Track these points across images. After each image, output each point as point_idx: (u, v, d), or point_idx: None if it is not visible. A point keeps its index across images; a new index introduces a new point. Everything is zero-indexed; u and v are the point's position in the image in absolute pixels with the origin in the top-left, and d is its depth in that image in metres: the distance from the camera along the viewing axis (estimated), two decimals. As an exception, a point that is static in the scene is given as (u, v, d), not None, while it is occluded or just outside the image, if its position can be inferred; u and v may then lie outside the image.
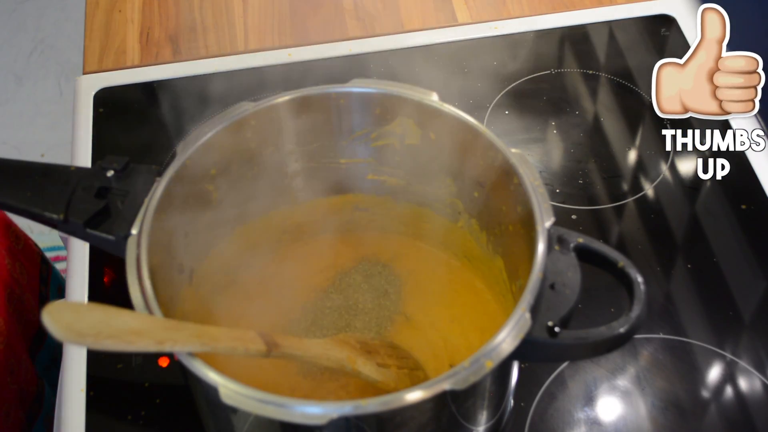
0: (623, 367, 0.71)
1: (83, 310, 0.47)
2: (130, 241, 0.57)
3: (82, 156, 0.86)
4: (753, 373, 0.70)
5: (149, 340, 0.48)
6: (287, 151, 0.67)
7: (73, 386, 0.70)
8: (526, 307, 0.53)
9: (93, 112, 0.90)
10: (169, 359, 0.71)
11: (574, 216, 0.80)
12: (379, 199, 0.71)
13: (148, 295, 0.54)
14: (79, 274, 0.77)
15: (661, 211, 0.81)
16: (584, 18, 0.97)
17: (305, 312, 0.69)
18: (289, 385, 0.65)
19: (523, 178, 0.58)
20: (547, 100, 0.90)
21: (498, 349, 0.51)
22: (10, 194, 0.62)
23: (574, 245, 0.57)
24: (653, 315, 0.73)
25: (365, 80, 0.65)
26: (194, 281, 0.65)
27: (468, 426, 0.58)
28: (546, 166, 0.85)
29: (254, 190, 0.67)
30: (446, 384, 0.49)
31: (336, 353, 0.59)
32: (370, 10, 0.99)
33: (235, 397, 0.49)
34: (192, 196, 0.62)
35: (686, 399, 0.69)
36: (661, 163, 0.84)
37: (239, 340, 0.53)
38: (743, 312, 0.74)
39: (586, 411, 0.69)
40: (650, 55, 0.94)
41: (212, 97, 0.89)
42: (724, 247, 0.78)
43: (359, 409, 0.49)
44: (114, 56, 0.95)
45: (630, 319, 0.54)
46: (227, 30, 0.97)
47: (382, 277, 0.71)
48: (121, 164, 0.61)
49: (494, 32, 0.96)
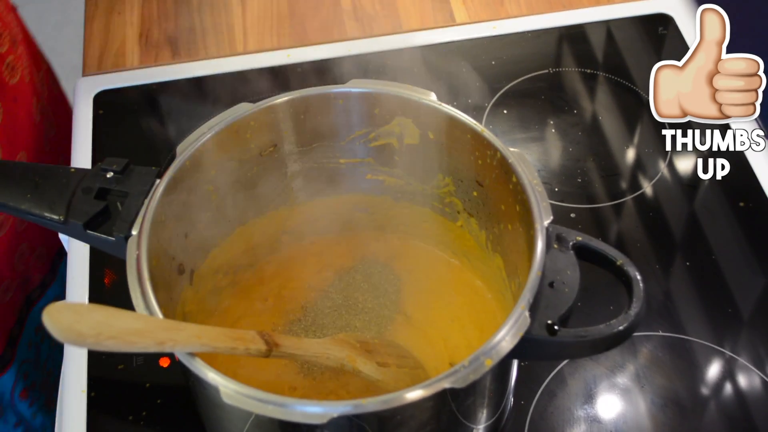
0: (623, 365, 0.71)
1: (84, 310, 0.48)
2: (130, 242, 0.57)
3: (82, 157, 0.86)
4: (752, 369, 0.70)
5: (150, 341, 0.49)
6: (286, 152, 0.67)
7: (74, 387, 0.70)
8: (526, 306, 0.53)
9: (93, 113, 0.90)
10: (170, 360, 0.71)
11: (573, 214, 0.81)
12: (378, 198, 0.71)
13: (149, 296, 0.54)
14: (80, 275, 0.77)
15: (660, 209, 0.81)
16: (582, 17, 0.97)
17: (305, 312, 0.70)
18: (290, 384, 0.65)
19: (522, 177, 0.59)
20: (546, 99, 0.90)
21: (498, 348, 0.51)
22: (10, 195, 0.62)
23: (572, 243, 0.57)
24: (652, 312, 0.73)
25: (364, 80, 0.65)
26: (194, 282, 0.65)
27: (468, 424, 0.58)
28: (544, 165, 0.85)
29: (254, 190, 0.67)
30: (446, 382, 0.50)
31: (336, 352, 0.60)
32: (368, 10, 0.99)
33: (236, 397, 0.49)
34: (192, 197, 0.62)
35: (685, 396, 0.69)
36: (660, 162, 0.85)
37: (239, 340, 0.53)
38: (742, 309, 0.74)
39: (586, 409, 0.69)
40: (648, 54, 0.94)
41: (211, 99, 0.90)
42: (723, 244, 0.78)
43: (359, 408, 0.49)
44: (113, 58, 0.95)
45: (629, 316, 0.54)
46: (226, 31, 0.97)
47: (381, 277, 0.72)
48: (120, 166, 0.62)
49: (492, 32, 0.96)
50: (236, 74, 0.92)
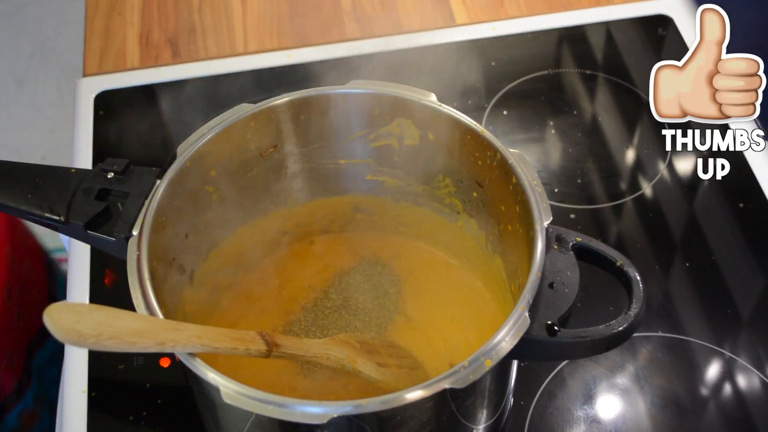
0: (622, 366, 0.71)
1: (84, 311, 0.48)
2: (130, 242, 0.57)
3: (83, 158, 0.86)
4: (751, 370, 0.71)
5: (150, 341, 0.49)
6: (287, 152, 0.67)
7: (74, 387, 0.70)
8: (526, 306, 0.53)
9: (93, 114, 0.90)
10: (171, 360, 0.71)
11: (573, 215, 0.81)
12: (378, 199, 0.71)
13: (149, 297, 0.54)
14: (80, 275, 0.77)
15: (660, 209, 0.81)
16: (581, 18, 0.97)
17: (305, 312, 0.70)
18: (290, 385, 0.65)
19: (522, 178, 0.59)
20: (545, 100, 0.90)
21: (497, 348, 0.51)
22: (11, 196, 0.62)
23: (572, 244, 0.57)
24: (652, 313, 0.74)
25: (364, 81, 0.65)
26: (195, 282, 0.65)
27: (468, 425, 0.58)
28: (544, 165, 0.85)
29: (254, 191, 0.68)
30: (446, 383, 0.50)
31: (336, 353, 0.60)
32: (368, 11, 0.99)
33: (236, 397, 0.49)
34: (192, 198, 0.62)
35: (685, 397, 0.69)
36: (659, 162, 0.85)
37: (239, 341, 0.53)
38: (742, 310, 0.74)
39: (586, 409, 0.69)
40: (648, 55, 0.94)
41: (212, 99, 0.90)
42: (723, 245, 0.78)
43: (360, 408, 0.49)
44: (114, 59, 0.95)
45: (629, 317, 0.55)
46: (226, 32, 0.97)
47: (381, 277, 0.72)
48: (121, 166, 0.62)
49: (492, 33, 0.96)
50: (237, 75, 0.92)
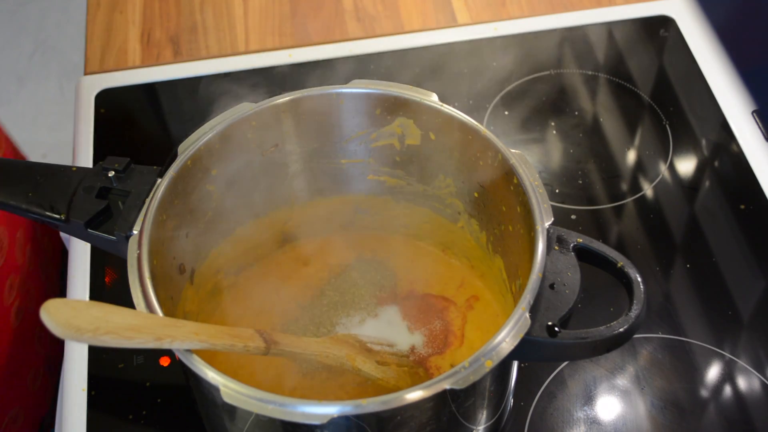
0: (623, 367, 0.71)
1: (82, 306, 0.48)
2: (131, 241, 0.57)
3: (84, 156, 0.86)
4: (752, 372, 0.70)
5: (148, 336, 0.49)
6: (287, 152, 0.67)
7: (74, 385, 0.70)
8: (526, 307, 0.53)
9: (94, 112, 0.90)
10: (171, 359, 0.71)
11: (574, 216, 0.81)
12: (379, 199, 0.71)
13: (149, 295, 0.54)
14: (81, 274, 0.77)
15: (661, 211, 0.81)
16: (583, 19, 0.97)
17: (304, 311, 0.70)
18: (290, 384, 0.65)
19: (523, 179, 0.59)
20: (547, 100, 0.90)
21: (498, 349, 0.51)
22: (11, 194, 0.62)
23: (573, 245, 0.57)
24: (652, 314, 0.73)
25: (365, 81, 0.65)
26: (195, 281, 0.65)
27: (468, 425, 0.58)
28: (545, 166, 0.85)
29: (254, 190, 0.68)
30: (446, 383, 0.50)
31: (335, 351, 0.60)
32: (370, 11, 0.99)
33: (236, 397, 0.49)
34: (192, 197, 0.62)
35: (685, 398, 0.69)
36: (660, 164, 0.85)
37: (237, 338, 0.53)
38: (742, 311, 0.74)
39: (586, 410, 0.69)
40: (649, 55, 0.94)
41: (213, 98, 0.90)
42: (723, 247, 0.78)
43: (360, 408, 0.49)
44: (115, 57, 0.95)
45: (629, 318, 0.55)
46: (228, 31, 0.97)
47: (382, 277, 0.72)
48: (122, 165, 0.62)
49: (494, 33, 0.96)
50: (238, 74, 0.92)
